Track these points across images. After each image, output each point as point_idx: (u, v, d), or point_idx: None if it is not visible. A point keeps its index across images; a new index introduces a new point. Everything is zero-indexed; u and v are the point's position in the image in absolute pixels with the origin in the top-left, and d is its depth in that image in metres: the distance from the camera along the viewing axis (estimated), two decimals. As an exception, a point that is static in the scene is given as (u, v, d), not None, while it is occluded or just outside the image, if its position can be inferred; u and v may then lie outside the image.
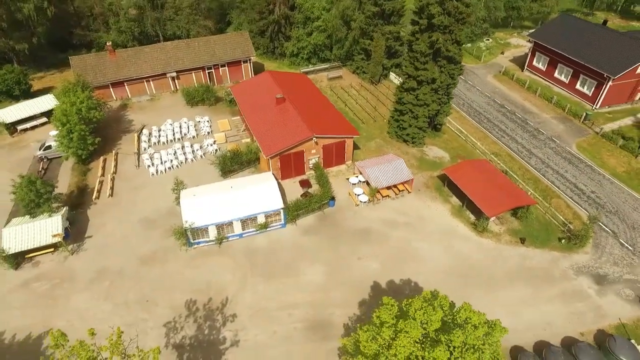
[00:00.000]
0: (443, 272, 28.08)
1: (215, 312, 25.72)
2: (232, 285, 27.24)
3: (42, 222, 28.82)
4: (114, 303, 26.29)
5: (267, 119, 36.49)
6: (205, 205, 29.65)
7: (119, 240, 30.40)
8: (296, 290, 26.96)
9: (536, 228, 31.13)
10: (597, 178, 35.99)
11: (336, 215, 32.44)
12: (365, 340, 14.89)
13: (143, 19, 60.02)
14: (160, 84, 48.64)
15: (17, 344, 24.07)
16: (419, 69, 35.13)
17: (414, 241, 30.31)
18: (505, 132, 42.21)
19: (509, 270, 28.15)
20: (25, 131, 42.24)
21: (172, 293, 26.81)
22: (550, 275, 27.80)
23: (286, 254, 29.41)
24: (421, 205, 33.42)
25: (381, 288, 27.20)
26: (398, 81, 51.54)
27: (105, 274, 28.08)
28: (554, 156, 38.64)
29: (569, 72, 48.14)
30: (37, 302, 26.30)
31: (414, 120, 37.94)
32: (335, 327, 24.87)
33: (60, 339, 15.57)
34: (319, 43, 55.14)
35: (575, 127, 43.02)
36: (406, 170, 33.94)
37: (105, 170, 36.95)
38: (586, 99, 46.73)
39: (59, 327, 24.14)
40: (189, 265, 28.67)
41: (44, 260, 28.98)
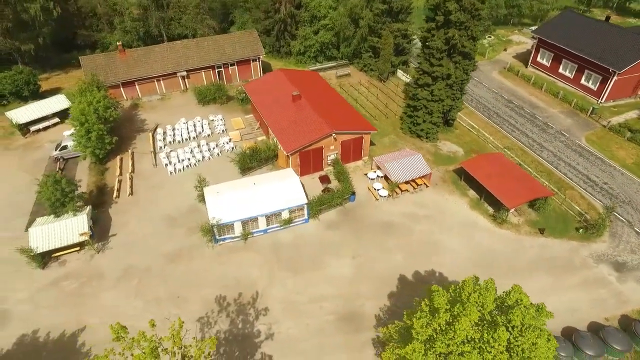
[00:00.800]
0: (466, 263, 28.67)
1: (247, 306, 26.01)
2: (261, 280, 27.54)
3: (68, 221, 28.84)
4: (144, 300, 26.44)
5: (284, 116, 36.79)
6: (231, 201, 29.88)
7: (144, 238, 30.51)
8: (324, 283, 27.35)
9: (553, 219, 31.88)
10: (608, 170, 36.91)
11: (357, 210, 32.88)
12: (420, 327, 15.32)
13: (147, 19, 59.95)
14: (170, 83, 48.65)
15: (52, 342, 24.13)
16: (434, 65, 35.71)
17: (436, 233, 30.88)
18: (515, 127, 43.01)
19: (531, 260, 28.83)
20: (37, 132, 42.02)
21: (201, 289, 27.04)
22: (571, 263, 28.55)
23: (311, 248, 29.78)
24: (440, 199, 34.01)
25: (408, 280, 27.71)
26: (405, 78, 52.26)
27: (133, 271, 28.20)
28: (564, 149, 39.51)
29: (574, 67, 49.13)
30: (67, 301, 26.35)
31: (428, 115, 38.52)
32: (366, 319, 25.32)
33: (121, 332, 15.78)
34: (326, 41, 55.55)
35: (582, 120, 43.98)
36: (424, 164, 34.50)
37: (123, 169, 36.97)
38: (591, 94, 47.75)
39: (92, 324, 24.64)
40: (216, 261, 28.90)
41: (70, 259, 28.99)
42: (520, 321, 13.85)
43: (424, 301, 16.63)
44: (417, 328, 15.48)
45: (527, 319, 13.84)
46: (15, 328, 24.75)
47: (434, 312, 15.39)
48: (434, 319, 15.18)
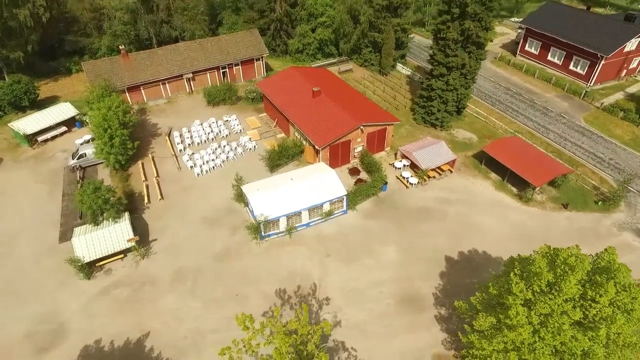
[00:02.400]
0: (505, 239, 30.36)
1: (308, 297, 26.48)
2: (315, 271, 28.05)
3: (111, 229, 28.20)
4: (203, 300, 26.33)
5: (308, 112, 37.27)
6: (274, 198, 30.14)
7: (187, 240, 30.24)
8: (378, 269, 28.23)
9: (572, 194, 34.22)
10: (610, 147, 39.90)
11: (390, 199, 33.94)
12: (519, 291, 16.48)
13: (136, 22, 58.52)
14: (175, 86, 47.91)
15: (118, 350, 23.66)
16: (450, 56, 37.30)
17: (470, 215, 32.43)
18: (518, 112, 45.50)
19: (562, 232, 30.91)
20: (45, 142, 40.35)
21: (258, 285, 27.23)
22: (598, 233, 30.86)
23: (356, 237, 30.56)
24: (466, 183, 35.65)
25: (454, 259, 29.05)
26: (406, 71, 53.90)
27: (184, 274, 27.95)
28: (568, 130, 42.28)
29: (562, 54, 52.41)
30: (123, 308, 25.83)
31: (442, 105, 40.14)
32: (425, 299, 26.41)
33: (248, 321, 15.99)
34: (325, 38, 56.34)
35: (577, 103, 47.10)
36: (448, 150, 36.06)
37: (147, 174, 36.27)
38: (580, 78, 51.13)
39: (156, 328, 24.40)
40: (266, 257, 29.12)
41: (116, 267, 28.35)
42: (623, 278, 15.30)
43: (514, 270, 17.83)
44: (516, 292, 16.63)
45: (627, 277, 15.32)
46: (76, 340, 24.08)
47: (532, 277, 16.58)
48: (532, 282, 16.38)
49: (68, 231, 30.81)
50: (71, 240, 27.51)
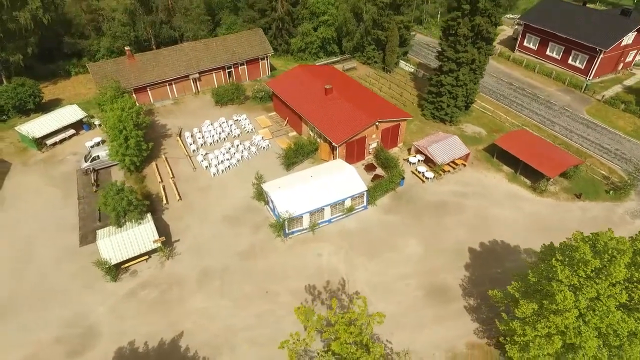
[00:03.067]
0: (522, 230, 31.03)
1: (338, 292, 26.69)
2: (342, 266, 28.28)
3: (136, 230, 27.99)
4: (232, 299, 26.34)
5: (322, 109, 37.45)
6: (296, 195, 30.25)
7: (210, 240, 30.17)
8: (402, 263, 28.60)
9: (584, 184, 35.10)
10: (615, 138, 41.03)
11: (408, 193, 34.36)
12: (565, 277, 16.97)
13: (135, 23, 57.99)
14: (182, 87, 47.61)
15: (153, 350, 23.54)
16: (460, 52, 37.89)
17: (487, 207, 33.03)
18: (523, 106, 46.42)
19: (577, 222, 31.69)
20: (54, 145, 39.72)
21: (286, 281, 27.35)
22: (611, 221, 31.73)
23: (378, 232, 30.88)
24: (480, 176, 36.28)
25: (476, 251, 29.59)
26: (409, 68, 54.48)
27: (211, 273, 27.90)
28: (572, 123, 43.32)
29: (561, 49, 53.59)
30: (152, 309, 25.69)
31: (452, 100, 40.75)
32: (452, 290, 26.87)
33: (310, 314, 16.14)
34: (327, 37, 56.57)
35: (578, 96, 48.26)
36: (462, 145, 36.63)
37: (162, 175, 36.01)
38: (579, 72, 52.36)
39: (188, 328, 24.40)
40: (291, 254, 29.24)
41: (141, 268, 28.15)
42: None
43: (555, 256, 18.34)
44: (562, 279, 17.12)
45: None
46: (109, 342, 23.87)
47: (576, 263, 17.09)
48: (577, 268, 16.89)
49: (88, 234, 30.51)
50: (96, 243, 27.22)
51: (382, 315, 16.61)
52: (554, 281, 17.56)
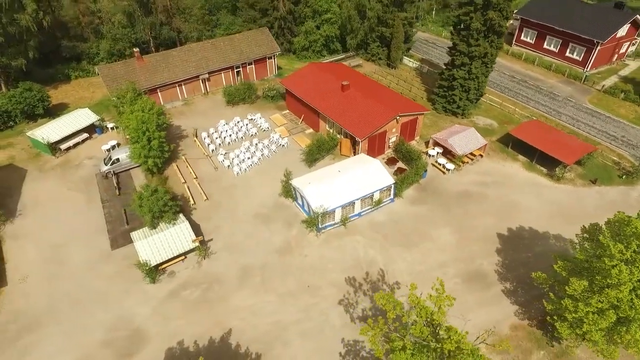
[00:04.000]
0: (545, 215, 32.11)
1: (378, 283, 27.14)
2: (379, 258, 28.74)
3: (172, 231, 27.84)
4: (276, 294, 26.48)
5: (341, 105, 37.83)
6: (328, 190, 30.54)
7: (245, 238, 30.19)
8: (437, 251, 29.26)
9: (597, 170, 36.49)
10: (620, 125, 42.75)
11: (431, 185, 35.07)
12: (618, 252, 17.85)
13: (134, 25, 57.25)
14: (191, 88, 47.26)
15: (204, 349, 23.50)
16: (472, 45, 38.85)
17: (509, 195, 34.02)
18: (528, 98, 47.82)
19: (596, 206, 32.99)
20: (68, 150, 38.94)
21: (327, 275, 27.63)
22: (628, 204, 33.13)
23: (409, 223, 31.47)
24: (497, 166, 37.30)
25: (505, 236, 30.49)
26: (412, 64, 55.39)
27: (250, 270, 27.97)
28: (577, 112, 44.91)
29: (558, 42, 55.37)
30: (197, 308, 25.62)
31: (464, 93, 41.73)
32: (489, 275, 27.66)
33: (391, 299, 16.46)
34: (331, 35, 56.97)
35: (579, 87, 50.00)
36: (479, 136, 37.58)
37: (185, 176, 35.76)
38: (576, 64, 54.21)
39: (236, 325, 24.53)
40: (327, 248, 29.54)
41: (178, 269, 27.98)
42: None
43: (602, 234, 19.23)
44: (615, 254, 17.98)
45: None
46: (158, 343, 23.72)
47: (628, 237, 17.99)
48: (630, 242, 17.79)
49: (118, 237, 30.16)
50: (134, 245, 26.92)
51: (452, 298, 17.11)
52: (606, 257, 18.39)
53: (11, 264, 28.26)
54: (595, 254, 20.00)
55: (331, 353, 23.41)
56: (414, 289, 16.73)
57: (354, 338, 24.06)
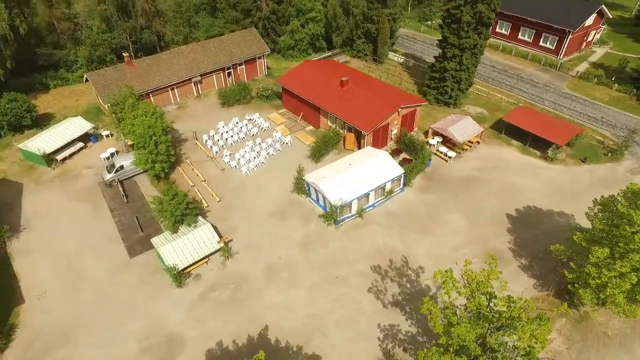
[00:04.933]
0: (544, 194, 34.09)
1: (403, 269, 28.06)
2: (399, 245, 29.66)
3: (195, 234, 27.65)
4: (305, 288, 26.86)
5: (343, 101, 38.51)
6: (343, 183, 31.17)
7: (264, 236, 30.34)
8: (452, 235, 30.52)
9: (585, 150, 39.01)
10: (597, 107, 45.78)
11: (436, 173, 36.40)
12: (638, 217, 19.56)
13: (112, 30, 55.69)
14: (184, 91, 46.58)
15: (244, 347, 23.60)
16: (463, 37, 40.53)
17: (509, 178, 35.84)
18: (511, 86, 50.28)
19: (588, 183, 35.33)
20: (64, 160, 37.56)
21: (351, 265, 28.28)
22: (616, 179, 35.66)
23: (422, 211, 32.61)
24: (494, 151, 39.13)
25: (513, 216, 32.17)
26: (398, 59, 56.88)
27: (275, 267, 28.19)
28: (558, 98, 47.68)
29: (532, 32, 58.41)
30: (230, 308, 25.62)
31: (456, 84, 43.45)
32: (504, 253, 29.17)
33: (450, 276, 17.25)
34: (317, 33, 57.53)
35: (555, 74, 53.03)
36: (475, 124, 39.30)
37: (192, 179, 35.38)
38: (550, 52, 57.39)
39: (272, 321, 24.87)
40: (348, 239, 30.17)
41: (202, 271, 27.81)
42: None
43: (620, 203, 20.93)
44: (637, 220, 19.65)
45: None
46: (195, 346, 23.61)
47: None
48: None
49: (134, 245, 29.60)
50: (158, 250, 26.52)
51: (500, 272, 18.20)
52: (626, 225, 20.05)
53: (25, 280, 27.18)
54: (613, 224, 21.68)
55: (369, 339, 24.10)
56: (469, 264, 17.68)
57: (389, 323, 24.85)
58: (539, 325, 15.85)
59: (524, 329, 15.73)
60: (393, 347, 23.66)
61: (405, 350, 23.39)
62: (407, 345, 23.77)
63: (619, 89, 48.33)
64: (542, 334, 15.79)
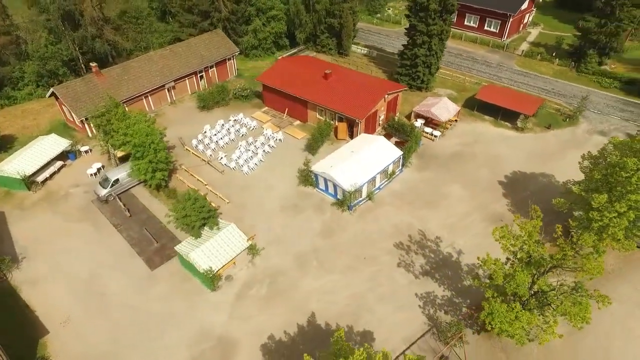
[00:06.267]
0: (523, 160, 37.74)
1: (424, 241, 29.90)
2: (414, 221, 31.46)
3: (222, 235, 27.37)
4: (338, 272, 27.73)
5: (329, 93, 39.59)
6: (351, 169, 32.32)
7: (283, 230, 30.68)
8: (457, 205, 32.95)
9: (546, 118, 43.62)
10: (546, 80, 51.17)
11: (427, 152, 38.80)
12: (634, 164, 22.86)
13: (60, 41, 52.10)
14: (157, 98, 44.92)
15: (296, 335, 24.01)
16: (430, 25, 43.37)
17: (490, 149, 39.18)
18: (470, 68, 54.47)
19: (558, 145, 39.68)
20: (45, 182, 34.82)
21: (375, 244, 29.60)
22: (578, 140, 40.44)
23: (424, 187, 34.74)
24: (471, 127, 42.44)
25: (504, 182, 35.36)
26: (361, 50, 59.08)
27: (303, 257, 28.73)
28: (512, 75, 52.55)
29: (477, 18, 63.47)
30: (271, 302, 25.83)
31: (426, 69, 46.35)
32: (505, 215, 32.01)
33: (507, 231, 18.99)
34: (279, 31, 57.93)
35: (504, 54, 58.24)
36: (452, 104, 42.34)
37: (194, 184, 34.55)
38: (494, 35, 62.76)
39: (316, 307, 25.67)
40: (365, 222, 31.43)
41: (233, 272, 27.61)
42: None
43: (613, 154, 24.31)
44: (631, 166, 22.96)
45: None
46: (248, 343, 23.65)
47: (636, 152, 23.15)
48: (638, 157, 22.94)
49: (152, 257, 28.66)
50: (189, 257, 25.82)
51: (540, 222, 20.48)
52: (621, 171, 23.37)
53: (42, 310, 25.25)
54: (607, 172, 25.05)
55: (411, 308, 25.59)
56: (518, 218, 19.71)
57: (424, 291, 26.54)
58: (595, 259, 18.30)
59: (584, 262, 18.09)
60: (435, 312, 25.36)
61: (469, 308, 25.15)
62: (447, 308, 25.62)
63: (560, 63, 54.35)
64: (597, 266, 18.22)
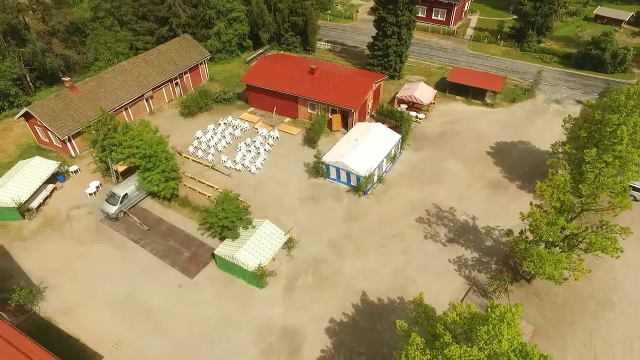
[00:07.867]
0: (500, 131, 41.90)
1: (440, 213, 32.38)
2: (427, 197, 33.82)
3: (260, 232, 27.60)
4: (374, 251, 29.31)
5: (318, 87, 40.76)
6: (361, 156, 33.93)
7: (308, 221, 31.59)
8: (459, 177, 35.96)
9: (509, 93, 48.54)
10: (498, 60, 56.63)
11: (417, 134, 41.47)
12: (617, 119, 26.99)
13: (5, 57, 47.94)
14: (137, 109, 43.10)
15: (354, 314, 25.17)
16: (399, 16, 46.17)
17: (470, 125, 42.89)
18: (429, 54, 58.50)
19: (524, 115, 44.51)
20: (39, 208, 32.24)
21: (399, 221, 31.58)
22: (540, 109, 45.66)
23: (426, 166, 37.37)
24: (447, 107, 45.99)
25: (492, 152, 39.07)
26: (326, 46, 60.84)
27: (337, 242, 29.93)
28: (468, 58, 57.37)
29: (424, 8, 68.02)
30: (321, 289, 26.80)
31: (398, 58, 49.24)
32: (501, 181, 35.66)
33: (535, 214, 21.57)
34: (242, 33, 57.72)
35: (456, 40, 63.21)
36: (430, 88, 45.60)
37: (205, 190, 34.04)
38: (442, 24, 67.72)
39: (364, 286, 27.47)
40: (383, 204, 33.27)
41: (275, 267, 28.04)
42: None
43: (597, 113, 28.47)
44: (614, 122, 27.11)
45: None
46: (312, 330, 24.53)
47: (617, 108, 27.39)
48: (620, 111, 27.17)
49: (188, 265, 28.17)
50: (234, 258, 25.78)
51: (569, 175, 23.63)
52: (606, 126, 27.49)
53: (87, 336, 23.91)
54: (592, 129, 29.16)
55: (447, 271, 27.89)
56: (553, 173, 22.57)
57: (455, 256, 29.01)
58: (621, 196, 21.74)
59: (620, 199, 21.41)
60: (469, 272, 27.88)
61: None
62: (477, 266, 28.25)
63: (505, 44, 60.34)
64: (622, 201, 21.61)
